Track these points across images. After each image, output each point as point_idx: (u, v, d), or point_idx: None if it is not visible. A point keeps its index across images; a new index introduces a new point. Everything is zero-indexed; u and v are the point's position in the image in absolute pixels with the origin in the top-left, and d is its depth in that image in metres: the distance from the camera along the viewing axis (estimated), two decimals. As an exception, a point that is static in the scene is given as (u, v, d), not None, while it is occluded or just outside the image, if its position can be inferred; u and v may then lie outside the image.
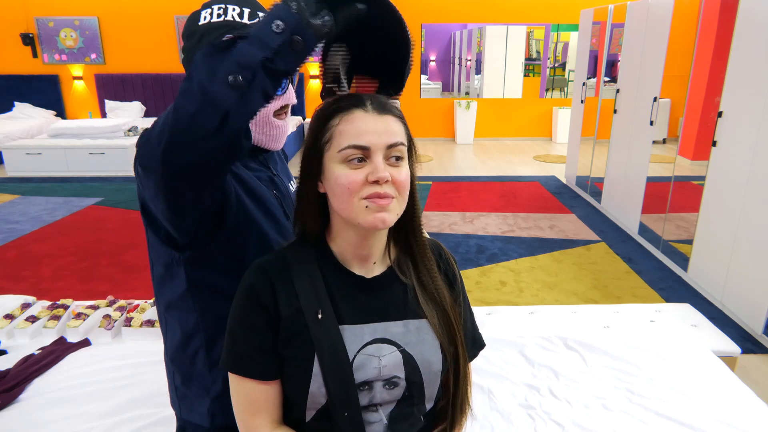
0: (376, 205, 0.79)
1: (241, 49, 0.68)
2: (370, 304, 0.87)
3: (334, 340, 0.82)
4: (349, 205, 0.80)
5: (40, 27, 7.99)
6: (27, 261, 4.03)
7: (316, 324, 0.82)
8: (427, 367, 0.86)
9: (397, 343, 0.85)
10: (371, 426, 0.85)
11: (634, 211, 4.53)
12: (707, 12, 3.95)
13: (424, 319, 0.88)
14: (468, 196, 5.78)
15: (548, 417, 1.71)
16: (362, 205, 0.79)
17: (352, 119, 0.80)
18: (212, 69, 0.68)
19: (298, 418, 0.86)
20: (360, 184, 0.79)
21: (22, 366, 1.88)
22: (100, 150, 6.68)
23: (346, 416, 0.82)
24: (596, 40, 5.56)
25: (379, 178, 0.78)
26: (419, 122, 8.82)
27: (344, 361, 0.82)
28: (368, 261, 0.89)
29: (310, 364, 0.81)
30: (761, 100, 2.93)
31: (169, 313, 1.07)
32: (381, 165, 0.79)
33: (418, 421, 0.90)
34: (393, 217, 0.81)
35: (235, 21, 0.99)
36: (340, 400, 0.81)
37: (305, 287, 0.84)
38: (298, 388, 0.83)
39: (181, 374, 1.08)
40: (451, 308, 0.90)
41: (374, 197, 0.79)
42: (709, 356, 2.01)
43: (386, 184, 0.79)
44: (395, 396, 0.86)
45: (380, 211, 0.79)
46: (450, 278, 0.96)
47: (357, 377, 0.83)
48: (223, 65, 0.68)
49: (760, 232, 2.94)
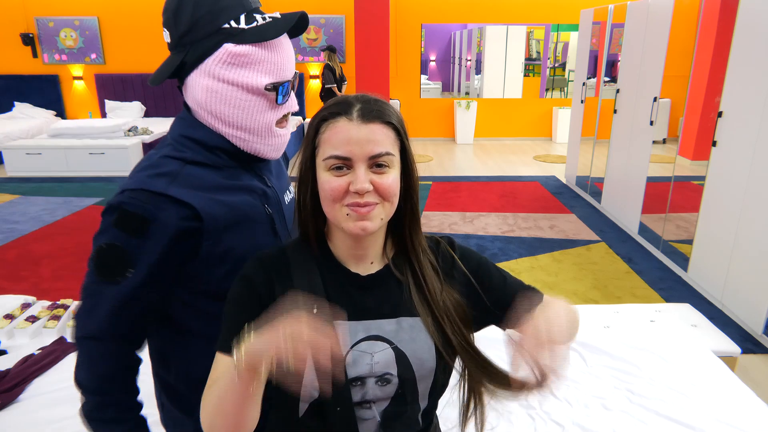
0: (357, 213, 0.80)
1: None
2: (364, 301, 0.88)
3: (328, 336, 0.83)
4: (333, 210, 0.82)
5: (40, 27, 8.00)
6: (27, 261, 4.03)
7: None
8: (420, 365, 0.86)
9: (390, 340, 0.86)
10: (364, 423, 0.85)
11: (634, 211, 4.53)
12: (707, 12, 3.96)
13: (418, 317, 0.88)
14: (468, 196, 5.78)
15: (548, 417, 1.71)
16: (344, 212, 0.81)
17: (336, 129, 0.80)
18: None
19: (290, 415, 0.87)
20: (342, 192, 0.80)
21: (22, 366, 1.88)
22: (100, 150, 6.68)
23: (339, 411, 0.83)
24: (596, 40, 5.56)
25: (358, 190, 0.79)
26: (419, 122, 8.83)
27: (337, 357, 0.82)
28: (364, 260, 0.89)
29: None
30: (761, 100, 2.93)
31: (149, 333, 1.04)
32: (362, 176, 0.79)
33: (416, 423, 0.90)
34: (376, 224, 0.82)
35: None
36: (332, 395, 0.81)
37: (302, 283, 0.85)
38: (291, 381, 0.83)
39: (166, 392, 1.07)
40: (444, 311, 0.89)
41: (354, 206, 0.80)
42: (709, 356, 2.01)
43: (368, 193, 0.80)
44: (388, 393, 0.86)
45: (361, 220, 0.81)
46: (448, 267, 0.93)
47: (349, 373, 0.83)
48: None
49: (760, 232, 2.94)
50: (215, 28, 0.93)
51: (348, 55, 8.24)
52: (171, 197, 0.90)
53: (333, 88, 6.68)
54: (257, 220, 1.01)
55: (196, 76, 0.95)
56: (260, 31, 0.94)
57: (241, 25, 0.94)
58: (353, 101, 0.83)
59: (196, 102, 0.97)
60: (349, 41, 8.14)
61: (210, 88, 0.95)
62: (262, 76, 0.95)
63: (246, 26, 0.94)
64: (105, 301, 0.91)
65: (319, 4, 8.08)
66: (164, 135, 1.08)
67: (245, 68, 0.94)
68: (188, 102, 1.00)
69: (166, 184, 0.91)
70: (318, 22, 8.15)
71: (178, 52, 0.96)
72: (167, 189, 0.91)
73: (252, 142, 1.01)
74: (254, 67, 0.95)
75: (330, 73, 6.70)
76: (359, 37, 6.36)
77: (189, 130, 0.99)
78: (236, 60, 0.93)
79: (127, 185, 0.92)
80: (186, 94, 1.00)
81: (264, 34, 0.94)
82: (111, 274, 0.91)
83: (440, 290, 0.90)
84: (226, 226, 0.95)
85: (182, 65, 0.95)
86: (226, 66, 0.94)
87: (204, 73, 0.95)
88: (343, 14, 8.08)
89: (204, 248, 0.94)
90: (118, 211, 0.90)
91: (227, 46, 0.93)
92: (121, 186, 0.94)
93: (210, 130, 0.99)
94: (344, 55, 8.25)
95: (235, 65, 0.94)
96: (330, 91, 6.68)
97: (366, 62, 6.42)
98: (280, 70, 0.97)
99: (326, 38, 8.20)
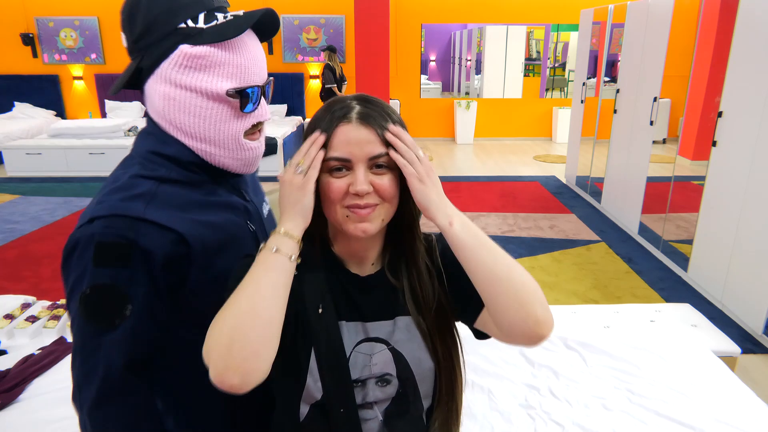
0: (357, 215, 0.80)
1: None
2: (363, 302, 0.88)
3: (333, 336, 0.83)
4: (333, 212, 0.81)
5: (40, 27, 7.99)
6: (27, 261, 4.03)
7: (315, 318, 0.83)
8: (418, 365, 0.86)
9: (386, 341, 0.86)
10: (367, 423, 0.85)
11: (634, 211, 4.53)
12: (707, 12, 3.96)
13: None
14: (468, 196, 5.78)
15: (548, 417, 1.71)
16: (344, 213, 0.81)
17: (336, 131, 0.80)
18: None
19: (291, 419, 0.86)
20: (342, 194, 0.80)
21: (22, 366, 1.88)
22: (100, 150, 6.68)
23: (342, 412, 0.82)
24: (596, 40, 5.56)
25: (358, 191, 0.78)
26: (419, 122, 8.82)
27: (341, 356, 0.83)
28: (365, 261, 0.90)
29: (306, 357, 0.82)
30: (761, 100, 2.93)
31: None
32: (361, 177, 0.79)
33: (419, 421, 0.90)
34: (376, 225, 0.82)
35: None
36: (335, 396, 0.82)
37: (308, 280, 0.85)
38: (293, 381, 0.83)
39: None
40: (433, 318, 0.88)
41: (354, 207, 0.80)
42: (709, 356, 2.01)
43: (368, 195, 0.80)
44: (389, 394, 0.86)
45: (361, 221, 0.80)
46: (437, 266, 0.92)
47: (351, 374, 0.83)
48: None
49: (760, 232, 2.94)
50: (171, 29, 0.84)
51: (348, 55, 8.23)
52: (151, 221, 0.81)
53: (333, 88, 6.69)
54: (243, 238, 0.94)
55: (153, 83, 0.87)
56: (219, 30, 0.85)
57: (199, 24, 0.85)
58: (351, 103, 0.82)
59: (156, 112, 0.89)
60: (349, 41, 8.14)
61: (167, 95, 0.86)
62: (223, 80, 0.86)
63: (205, 25, 0.85)
64: (109, 352, 0.79)
65: (319, 4, 8.08)
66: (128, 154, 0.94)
67: (203, 71, 0.85)
68: (150, 113, 0.91)
69: (142, 206, 0.81)
70: (318, 22, 8.15)
71: (134, 57, 0.87)
72: (145, 213, 0.81)
73: (218, 156, 0.90)
74: (213, 70, 0.85)
75: (330, 73, 6.70)
76: (359, 37, 6.36)
77: (158, 146, 0.89)
78: (193, 63, 0.84)
79: (95, 212, 0.81)
80: (147, 105, 0.91)
81: (223, 32, 0.84)
82: (107, 319, 0.79)
83: (432, 295, 0.89)
84: (215, 249, 0.88)
85: (138, 71, 0.87)
86: (182, 69, 0.85)
87: (160, 79, 0.86)
88: (343, 14, 8.08)
89: (192, 275, 0.85)
90: (93, 246, 0.79)
91: (183, 48, 0.84)
92: (86, 214, 0.82)
93: (182, 144, 0.89)
94: (344, 55, 8.25)
95: (193, 68, 0.85)
96: (330, 91, 6.68)
97: (366, 62, 6.41)
98: (244, 74, 0.88)
99: (326, 38, 8.20)
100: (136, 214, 0.80)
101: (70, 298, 0.81)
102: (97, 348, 0.79)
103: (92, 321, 0.79)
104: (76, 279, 0.80)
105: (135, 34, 0.86)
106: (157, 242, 0.81)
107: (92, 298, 0.79)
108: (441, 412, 0.91)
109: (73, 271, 0.80)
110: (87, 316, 0.79)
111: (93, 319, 0.79)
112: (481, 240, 0.77)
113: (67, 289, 0.82)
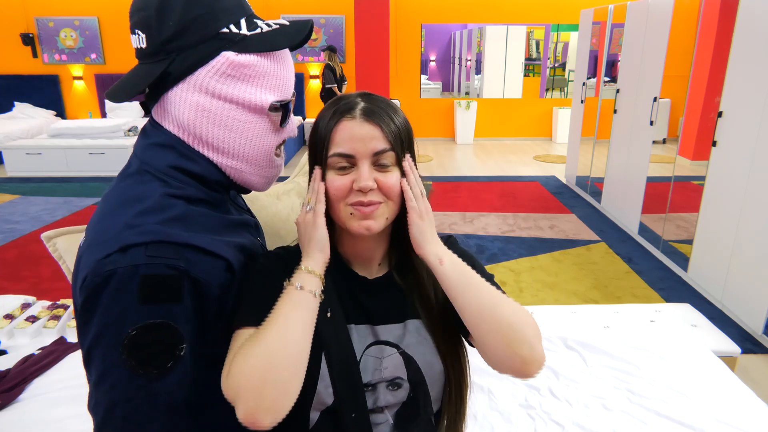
0: (360, 213, 0.79)
1: None
2: (372, 305, 0.87)
3: (343, 340, 0.82)
4: (338, 210, 0.81)
5: (40, 27, 7.99)
6: (27, 261, 4.03)
7: (324, 322, 0.81)
8: (429, 368, 0.86)
9: (397, 344, 0.85)
10: (378, 427, 0.84)
11: (634, 211, 4.53)
12: (707, 12, 3.96)
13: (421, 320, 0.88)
14: (468, 196, 5.78)
15: (548, 417, 1.71)
16: (348, 211, 0.80)
17: (339, 127, 0.79)
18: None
19: (301, 425, 0.85)
20: (346, 191, 0.79)
21: (22, 366, 1.88)
22: (100, 150, 6.68)
23: (354, 417, 0.81)
24: (596, 40, 5.56)
25: (362, 187, 0.78)
26: (419, 122, 8.82)
27: (352, 360, 0.82)
28: (371, 263, 0.89)
29: (317, 362, 0.80)
30: (761, 100, 2.93)
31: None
32: (366, 173, 0.78)
33: (429, 424, 0.89)
34: (380, 223, 0.81)
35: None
36: (347, 401, 0.81)
37: None
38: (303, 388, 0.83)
39: None
40: (441, 318, 0.88)
41: (358, 205, 0.79)
42: (709, 356, 2.01)
43: (372, 192, 0.79)
44: (399, 398, 0.85)
45: (365, 219, 0.80)
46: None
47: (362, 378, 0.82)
48: None
49: (760, 232, 2.94)
50: (213, 33, 0.76)
51: (348, 55, 8.23)
52: (199, 248, 0.72)
53: (333, 88, 6.69)
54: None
55: (182, 91, 0.77)
56: (268, 38, 0.79)
57: (242, 30, 0.78)
58: (354, 101, 0.82)
59: (179, 123, 0.79)
60: (349, 41, 8.14)
61: (201, 106, 0.77)
62: (267, 92, 0.80)
63: (248, 32, 0.78)
64: (163, 402, 0.68)
65: (319, 4, 8.08)
66: (134, 162, 0.82)
67: (246, 82, 0.78)
68: (165, 123, 0.81)
69: (184, 231, 0.72)
70: (318, 22, 8.15)
71: (158, 60, 0.77)
72: (190, 238, 0.71)
73: (247, 173, 0.84)
74: (257, 81, 0.79)
75: (330, 73, 6.71)
76: (359, 37, 6.36)
77: (182, 161, 0.79)
78: (237, 72, 0.77)
79: (129, 239, 0.68)
80: (162, 115, 0.81)
81: (273, 42, 0.78)
82: (160, 364, 0.68)
83: (441, 295, 0.88)
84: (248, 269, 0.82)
85: (163, 76, 0.77)
86: (223, 78, 0.77)
87: (193, 87, 0.77)
88: (343, 14, 8.08)
89: (229, 304, 0.77)
90: (138, 281, 0.66)
91: (227, 54, 0.76)
92: (112, 239, 0.68)
93: (209, 161, 0.81)
94: (344, 55, 8.25)
95: (236, 78, 0.78)
96: (330, 91, 6.69)
97: (366, 62, 6.42)
98: (286, 87, 0.83)
99: (326, 38, 8.20)
100: (181, 240, 0.70)
101: (97, 343, 0.67)
102: (145, 400, 0.68)
103: (141, 369, 0.67)
104: (112, 320, 0.67)
105: (165, 34, 0.75)
106: (210, 272, 0.73)
107: (141, 341, 0.67)
108: (450, 415, 0.90)
109: (108, 310, 0.67)
110: (135, 362, 0.67)
111: (143, 367, 0.67)
112: (470, 279, 0.78)
113: (92, 330, 0.68)
